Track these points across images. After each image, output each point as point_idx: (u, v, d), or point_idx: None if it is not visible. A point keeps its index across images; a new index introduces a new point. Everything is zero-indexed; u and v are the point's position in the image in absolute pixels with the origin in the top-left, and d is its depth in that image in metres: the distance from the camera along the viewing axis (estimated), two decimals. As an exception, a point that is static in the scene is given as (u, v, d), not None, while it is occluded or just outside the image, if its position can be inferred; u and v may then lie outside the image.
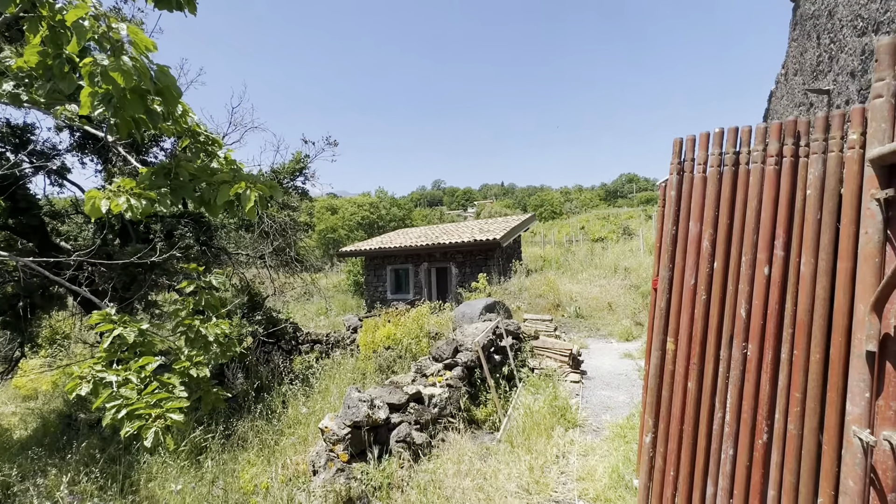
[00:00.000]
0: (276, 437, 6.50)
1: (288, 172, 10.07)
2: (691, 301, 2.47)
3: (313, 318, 17.23)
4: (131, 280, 8.00)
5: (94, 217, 2.24)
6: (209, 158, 2.83)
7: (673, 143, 2.62)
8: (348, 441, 3.98)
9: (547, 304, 12.72)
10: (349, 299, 20.78)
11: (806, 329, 2.23)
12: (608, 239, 26.17)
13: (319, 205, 42.97)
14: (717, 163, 2.43)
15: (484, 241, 14.35)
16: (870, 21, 4.07)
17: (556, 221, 43.92)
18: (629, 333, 10.27)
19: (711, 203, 2.44)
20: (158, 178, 2.28)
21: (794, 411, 2.26)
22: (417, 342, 7.56)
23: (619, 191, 78.60)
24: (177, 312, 2.88)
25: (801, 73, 7.69)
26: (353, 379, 7.62)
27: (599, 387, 6.79)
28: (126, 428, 2.25)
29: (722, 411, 2.40)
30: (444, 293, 15.80)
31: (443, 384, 5.28)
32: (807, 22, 6.72)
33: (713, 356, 2.41)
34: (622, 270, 15.71)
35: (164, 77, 2.06)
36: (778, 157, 2.30)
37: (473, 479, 3.86)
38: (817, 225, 2.23)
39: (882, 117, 1.58)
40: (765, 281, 2.31)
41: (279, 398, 7.35)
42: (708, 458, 2.44)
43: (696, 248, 2.47)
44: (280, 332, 9.41)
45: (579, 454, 4.53)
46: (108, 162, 8.61)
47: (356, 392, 4.34)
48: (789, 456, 2.25)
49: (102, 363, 2.49)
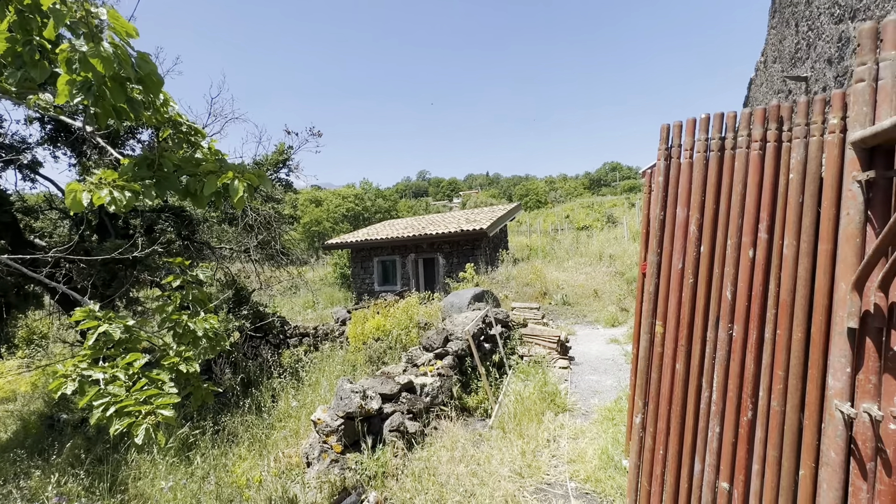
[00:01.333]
0: (266, 431, 6.46)
1: (271, 164, 9.89)
2: (679, 284, 2.53)
3: (301, 312, 17.09)
4: (112, 277, 7.80)
5: (74, 211, 2.17)
6: (192, 149, 2.76)
7: (660, 130, 2.65)
8: (341, 432, 3.99)
9: (534, 293, 12.85)
10: (336, 292, 20.64)
11: (788, 309, 2.31)
12: (593, 227, 26.48)
13: (303, 197, 42.37)
14: (703, 148, 2.48)
15: (471, 231, 14.37)
16: (846, 9, 4.15)
17: (541, 210, 44.19)
18: (615, 319, 10.45)
19: (698, 188, 2.48)
20: (141, 169, 2.22)
21: (777, 389, 2.34)
22: (407, 333, 7.57)
23: (602, 179, 79.40)
24: (163, 308, 2.82)
25: (779, 60, 7.83)
26: (343, 371, 7.60)
27: (587, 372, 6.92)
28: (115, 426, 2.21)
29: (709, 391, 2.48)
30: (431, 284, 15.82)
31: (434, 373, 5.31)
32: (785, 10, 6.82)
33: (700, 338, 2.48)
34: (607, 258, 15.94)
35: (146, 64, 1.99)
36: (762, 142, 2.35)
37: (467, 464, 3.92)
38: (799, 208, 2.30)
39: (864, 101, 1.62)
40: (749, 263, 2.38)
41: (268, 392, 7.30)
42: (695, 437, 2.51)
43: (683, 233, 2.51)
44: (267, 326, 9.32)
45: (569, 437, 4.62)
46: (82, 155, 8.32)
47: (348, 383, 4.33)
48: (773, 432, 2.33)
49: (87, 361, 2.43)
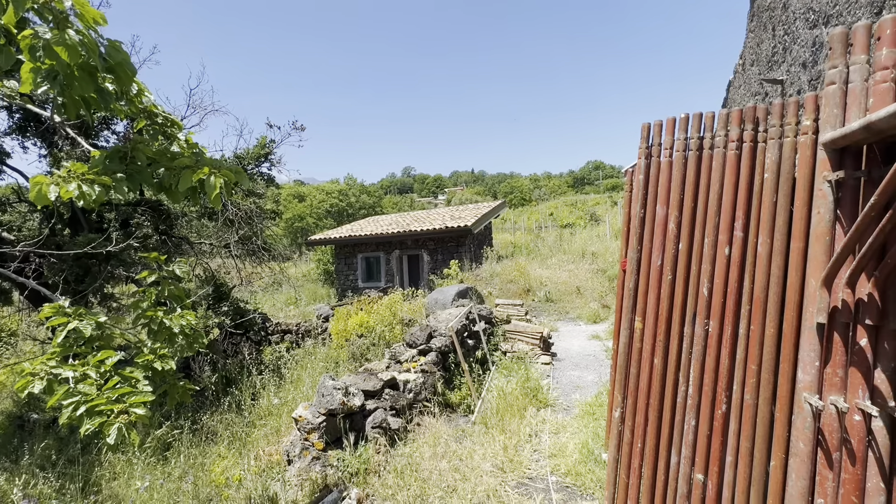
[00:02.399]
0: (246, 429, 6.37)
1: (252, 158, 9.70)
2: (658, 281, 2.57)
3: (283, 308, 16.86)
4: (85, 272, 7.55)
5: (40, 205, 2.08)
6: (168, 141, 2.68)
7: (641, 128, 2.69)
8: (323, 429, 3.95)
9: (518, 290, 12.94)
10: (319, 288, 20.44)
11: (762, 305, 2.37)
12: (576, 225, 26.79)
13: (286, 192, 41.74)
14: (682, 147, 2.52)
15: (455, 227, 14.38)
16: (821, 14, 4.26)
17: (525, 208, 44.47)
18: (597, 316, 10.61)
19: (677, 186, 2.52)
20: (113, 162, 2.14)
21: (750, 382, 2.40)
22: (391, 329, 7.55)
23: (586, 178, 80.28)
24: (138, 304, 2.74)
25: (757, 63, 8.01)
26: (325, 368, 7.54)
27: (569, 367, 7.01)
28: (86, 425, 2.14)
29: (685, 385, 2.53)
30: (416, 280, 15.78)
31: (417, 370, 5.31)
32: (763, 14, 6.98)
33: (678, 333, 2.53)
34: (590, 255, 16.16)
35: (116, 53, 1.92)
36: (738, 143, 2.40)
37: (450, 460, 3.93)
38: (773, 207, 2.36)
39: (835, 103, 1.67)
40: (725, 261, 2.43)
41: (249, 390, 7.20)
42: (672, 430, 2.57)
43: (662, 230, 2.56)
44: (248, 322, 9.17)
45: (551, 432, 4.68)
46: (53, 146, 8.02)
47: (330, 380, 4.30)
48: (745, 424, 2.40)
49: (56, 359, 2.35)
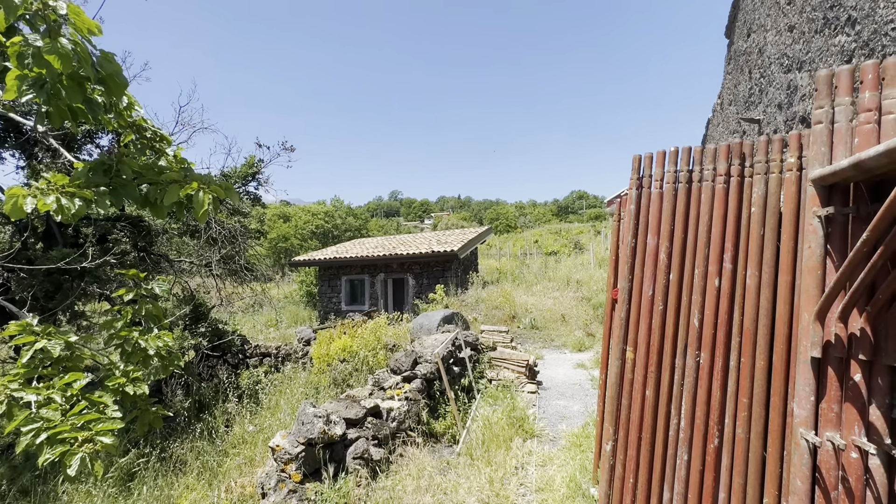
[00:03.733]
0: (219, 458, 6.05)
1: (240, 177, 9.60)
2: (649, 311, 2.57)
3: (263, 330, 16.40)
4: (56, 288, 7.24)
5: (14, 218, 1.98)
6: (156, 156, 2.62)
7: (633, 160, 2.74)
8: (301, 460, 3.76)
9: (503, 316, 12.88)
10: (301, 310, 20.01)
11: (751, 338, 2.38)
12: (560, 252, 27.08)
13: (271, 212, 41.35)
14: (672, 179, 2.57)
15: (441, 252, 14.37)
16: (794, 60, 4.50)
17: (511, 235, 44.91)
18: (582, 344, 10.58)
19: (668, 217, 2.56)
20: (97, 174, 2.07)
21: (741, 416, 2.38)
22: (374, 354, 7.37)
23: (570, 207, 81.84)
24: (111, 323, 2.61)
25: (734, 103, 8.40)
26: (305, 394, 7.28)
27: (555, 397, 6.91)
28: (46, 454, 1.98)
29: (677, 418, 2.49)
30: (400, 304, 15.60)
31: (401, 397, 5.15)
32: (740, 57, 7.35)
33: (669, 364, 2.51)
34: (574, 283, 16.26)
35: (109, 64, 1.88)
36: (726, 177, 2.46)
37: (433, 494, 3.77)
38: (761, 240, 2.40)
39: (822, 141, 1.73)
40: (715, 292, 2.45)
41: (223, 416, 6.88)
42: (665, 464, 2.51)
43: (653, 260, 2.57)
44: (226, 344, 8.86)
45: (538, 464, 4.55)
46: (32, 157, 7.81)
47: (311, 407, 4.13)
48: (738, 459, 2.36)
49: (19, 380, 2.19)
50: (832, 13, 3.35)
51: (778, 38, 5.09)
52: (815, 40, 3.82)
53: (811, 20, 3.90)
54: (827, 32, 3.48)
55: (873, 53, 2.75)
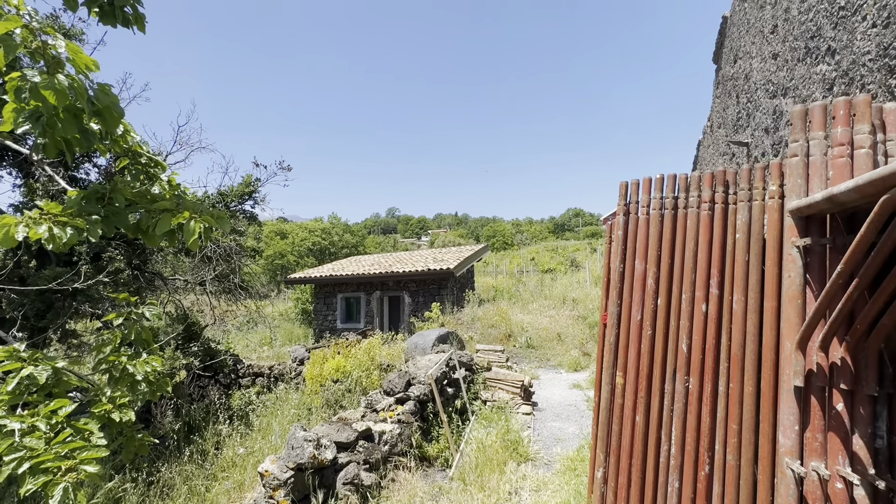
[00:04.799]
0: (207, 482, 5.92)
1: (236, 196, 9.66)
2: (638, 336, 2.58)
3: (256, 349, 16.24)
4: (47, 307, 7.18)
5: (5, 247, 2.00)
6: (150, 182, 2.65)
7: (620, 186, 2.80)
8: (290, 486, 3.70)
9: (499, 335, 12.82)
10: (296, 328, 19.85)
11: (739, 363, 2.39)
12: (557, 270, 27.14)
13: (268, 229, 41.37)
14: (658, 206, 2.62)
15: (438, 270, 14.38)
16: (779, 86, 4.64)
17: (507, 252, 45.01)
18: (577, 364, 10.53)
19: (655, 243, 2.60)
20: (90, 203, 2.09)
21: (731, 442, 2.38)
22: (368, 375, 7.30)
23: (566, 224, 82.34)
24: (101, 347, 2.60)
25: (723, 126, 8.58)
26: (297, 416, 7.18)
27: (550, 418, 6.84)
28: (28, 485, 1.95)
29: (667, 444, 2.48)
30: (396, 322, 15.52)
31: (394, 419, 5.09)
32: (728, 82, 7.54)
33: (659, 389, 2.51)
34: (570, 301, 16.26)
35: (105, 97, 1.93)
36: (710, 204, 2.52)
37: (425, 522, 3.70)
38: (746, 266, 2.44)
39: (798, 174, 1.78)
40: (703, 317, 2.47)
41: (213, 438, 6.75)
42: (656, 492, 2.49)
43: (641, 285, 2.60)
44: (218, 364, 8.76)
45: (532, 489, 4.48)
46: (29, 176, 7.85)
47: (301, 431, 4.07)
48: (729, 487, 2.35)
49: (3, 407, 2.17)
50: (813, 43, 3.47)
51: (763, 65, 5.25)
52: (797, 68, 3.95)
53: (794, 49, 4.04)
54: (809, 61, 3.59)
55: (853, 82, 2.85)
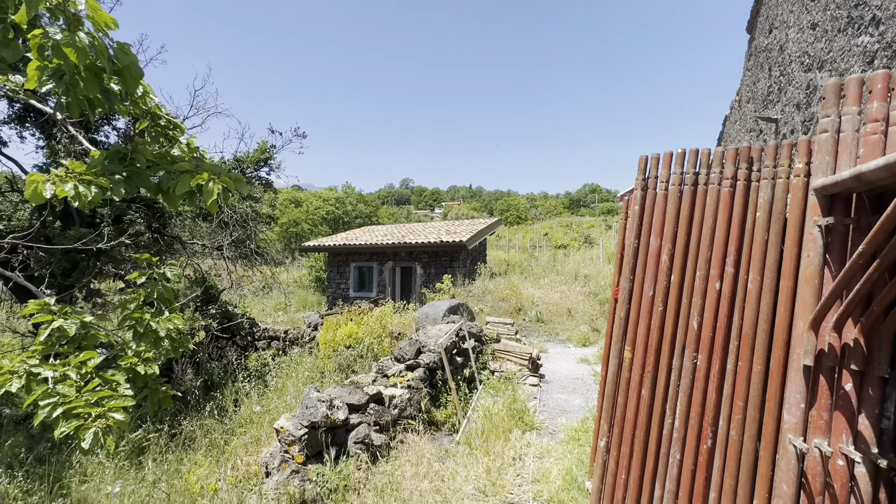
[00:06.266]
0: (226, 436, 6.24)
1: (252, 162, 9.70)
2: (649, 312, 2.59)
3: (271, 314, 16.69)
4: (73, 266, 7.44)
5: (34, 203, 2.07)
6: (170, 144, 2.68)
7: (639, 161, 2.74)
8: (304, 442, 3.88)
9: (509, 308, 12.92)
10: (310, 295, 20.28)
11: (750, 342, 2.39)
12: (570, 246, 26.95)
13: (283, 197, 41.70)
14: (678, 181, 2.56)
15: (450, 242, 14.40)
16: (815, 59, 4.40)
17: (521, 227, 44.72)
18: (586, 339, 10.59)
19: (672, 219, 2.56)
20: (112, 163, 2.14)
21: (736, 419, 2.41)
22: (380, 342, 7.48)
23: (582, 200, 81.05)
24: (125, 304, 2.70)
25: (753, 101, 8.22)
26: (310, 378, 7.43)
27: (556, 390, 6.97)
28: (61, 428, 2.08)
29: (672, 417, 2.53)
30: (407, 293, 15.72)
31: (404, 385, 5.25)
32: (760, 54, 7.18)
33: (666, 365, 2.53)
34: (582, 277, 16.20)
35: (125, 56, 1.93)
36: (732, 180, 2.45)
37: (431, 481, 3.87)
38: (764, 245, 2.40)
39: (826, 150, 1.72)
40: (716, 295, 2.46)
41: (231, 396, 7.07)
42: (657, 462, 2.55)
43: (655, 262, 2.58)
44: (235, 326, 9.05)
45: (535, 456, 4.62)
46: (51, 138, 7.98)
47: (315, 392, 4.23)
48: (730, 461, 2.39)
49: (37, 357, 2.30)
50: (856, 12, 3.27)
51: (800, 36, 4.97)
52: (837, 39, 3.74)
53: (835, 18, 3.81)
54: (850, 32, 3.39)
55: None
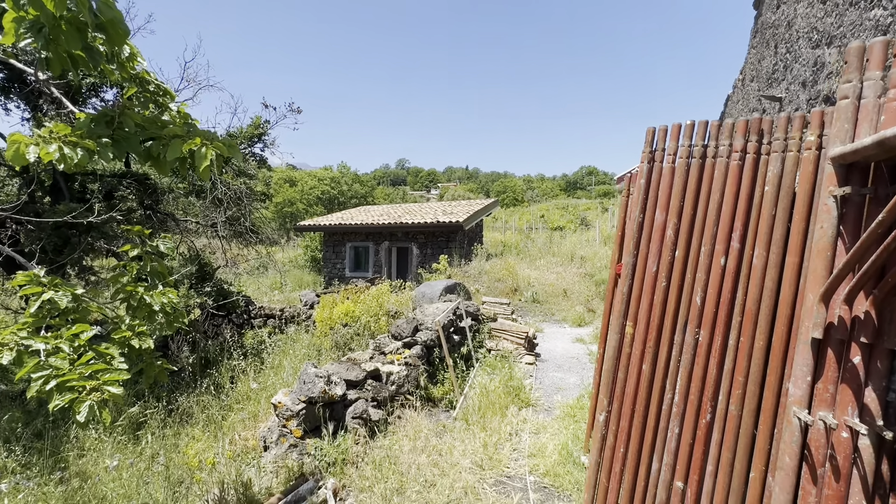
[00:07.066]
0: (223, 412, 6.27)
1: (246, 137, 9.49)
2: (652, 287, 2.56)
3: (267, 293, 16.65)
4: (64, 242, 7.32)
5: (17, 165, 1.97)
6: (159, 111, 2.57)
7: (646, 133, 2.66)
8: (302, 417, 3.89)
9: (505, 288, 12.95)
10: (305, 275, 20.23)
11: (753, 318, 2.37)
12: (566, 228, 26.93)
13: (277, 176, 41.16)
14: (685, 154, 2.50)
15: (447, 223, 14.32)
16: (824, 34, 4.29)
17: (517, 208, 44.57)
18: (582, 319, 10.67)
19: (678, 193, 2.51)
20: (99, 125, 2.04)
21: (735, 394, 2.41)
22: (376, 320, 7.48)
23: (578, 182, 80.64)
24: (118, 278, 2.64)
25: (757, 79, 8.08)
26: (307, 355, 7.45)
27: (552, 369, 7.03)
28: (55, 400, 2.05)
29: (671, 392, 2.53)
30: (404, 273, 15.70)
31: (401, 362, 5.26)
32: (767, 31, 7.02)
33: (668, 340, 2.52)
34: (578, 259, 16.25)
35: (108, 10, 1.82)
36: (742, 153, 2.39)
37: (429, 455, 3.90)
38: (771, 220, 2.35)
39: (846, 118, 1.66)
40: (720, 271, 2.42)
41: (228, 373, 7.07)
42: (655, 437, 2.57)
43: (660, 236, 2.54)
44: (231, 304, 9.01)
45: (531, 432, 4.68)
46: (37, 109, 7.73)
47: (313, 368, 4.22)
48: (728, 435, 2.41)
49: (28, 329, 2.24)
50: (870, -17, 3.16)
51: (809, 11, 4.84)
52: (848, 13, 3.63)
53: (847, -10, 3.70)
54: (862, 5, 3.29)
55: (910, 28, 2.61)
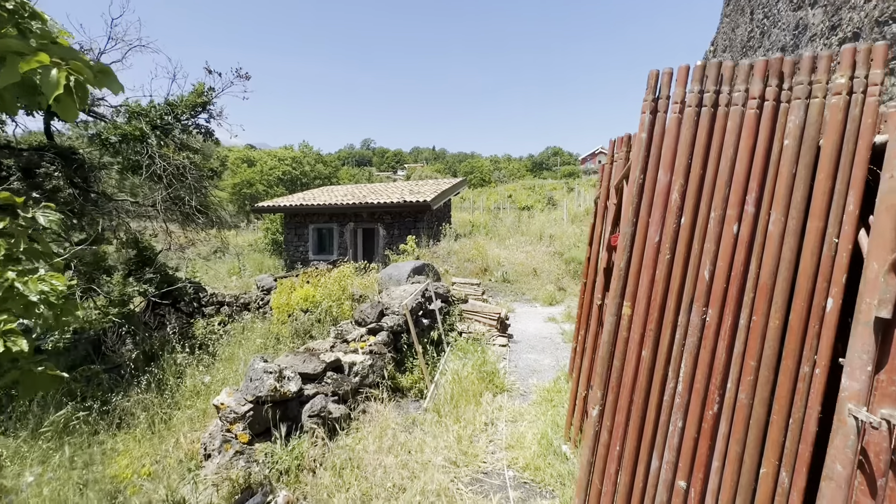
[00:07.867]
0: (169, 411, 5.64)
1: (187, 107, 8.50)
2: (653, 260, 2.19)
3: (224, 279, 15.65)
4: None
5: None
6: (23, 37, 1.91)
7: (648, 77, 2.25)
8: (249, 419, 3.37)
9: (475, 269, 12.63)
10: (266, 259, 19.21)
11: (767, 293, 2.05)
12: (534, 208, 26.85)
13: (234, 156, 38.93)
14: (695, 102, 2.11)
15: (414, 202, 13.76)
16: (809, -7, 4.00)
17: (485, 189, 44.23)
18: (553, 298, 10.52)
19: (685, 149, 2.12)
20: None
21: (746, 380, 2.10)
22: (339, 305, 6.94)
23: (544, 163, 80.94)
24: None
25: (730, 49, 7.86)
26: (264, 345, 6.84)
27: (525, 350, 6.77)
28: None
29: (674, 381, 2.20)
30: (370, 255, 15.08)
31: (366, 350, 4.79)
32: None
33: (671, 322, 2.17)
34: (547, 238, 16.13)
35: None
36: (760, 100, 2.03)
37: (397, 454, 3.49)
38: (791, 179, 2.02)
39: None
40: (732, 240, 2.08)
41: (172, 367, 6.39)
42: (656, 431, 2.24)
43: (663, 201, 2.16)
44: (178, 292, 8.19)
45: (508, 420, 4.36)
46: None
47: (261, 362, 3.69)
48: (737, 426, 2.11)
49: None
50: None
51: (794, -32, 4.56)
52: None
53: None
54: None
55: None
